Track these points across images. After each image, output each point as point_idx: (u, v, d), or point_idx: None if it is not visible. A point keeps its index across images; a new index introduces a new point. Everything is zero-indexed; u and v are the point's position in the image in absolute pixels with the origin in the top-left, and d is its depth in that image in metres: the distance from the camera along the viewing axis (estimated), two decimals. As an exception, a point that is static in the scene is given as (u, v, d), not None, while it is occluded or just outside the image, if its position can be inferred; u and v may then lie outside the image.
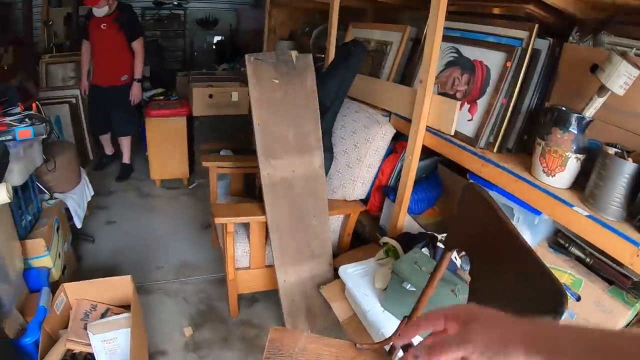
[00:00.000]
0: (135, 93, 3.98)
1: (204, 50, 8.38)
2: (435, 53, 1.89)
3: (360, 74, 2.39)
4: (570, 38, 1.81)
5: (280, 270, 2.11)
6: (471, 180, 1.75)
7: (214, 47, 8.15)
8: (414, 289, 1.62)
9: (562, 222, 1.55)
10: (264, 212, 2.03)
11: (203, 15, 8.73)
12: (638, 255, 1.28)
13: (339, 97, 2.22)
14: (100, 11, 3.66)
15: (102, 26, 3.76)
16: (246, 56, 1.99)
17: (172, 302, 2.54)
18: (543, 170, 1.59)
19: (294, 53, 2.06)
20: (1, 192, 1.70)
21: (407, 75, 2.39)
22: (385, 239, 1.99)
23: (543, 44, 1.82)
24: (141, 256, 3.01)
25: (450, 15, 1.98)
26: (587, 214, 1.43)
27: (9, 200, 1.73)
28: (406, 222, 2.15)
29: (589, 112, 1.52)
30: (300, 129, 2.05)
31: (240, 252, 2.22)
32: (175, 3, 8.65)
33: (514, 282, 1.01)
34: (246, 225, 2.16)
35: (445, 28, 1.91)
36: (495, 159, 1.75)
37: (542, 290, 0.91)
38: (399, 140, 2.26)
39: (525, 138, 1.88)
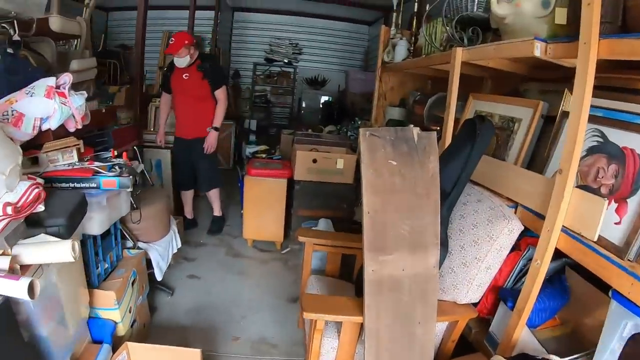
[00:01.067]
0: (211, 141, 3.89)
1: (311, 109, 8.57)
2: (580, 137, 1.56)
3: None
4: None
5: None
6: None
7: (321, 106, 8.18)
8: None
9: None
10: (361, 312, 1.74)
11: (312, 74, 8.89)
12: None
13: (461, 182, 1.93)
14: (182, 61, 3.67)
15: (184, 76, 3.77)
16: (360, 131, 1.77)
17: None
18: None
19: (415, 130, 1.80)
20: (64, 251, 1.54)
21: (536, 159, 2.06)
22: (498, 358, 1.63)
23: None
24: (219, 320, 2.84)
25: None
26: None
27: (74, 260, 1.57)
28: (523, 334, 1.78)
29: None
30: (417, 221, 1.76)
31: (327, 348, 1.93)
32: (286, 61, 8.90)
33: None
34: (338, 319, 1.88)
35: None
36: None
37: None
38: (524, 235, 1.91)
39: None
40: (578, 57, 1.54)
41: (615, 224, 1.54)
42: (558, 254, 1.69)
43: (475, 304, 2.02)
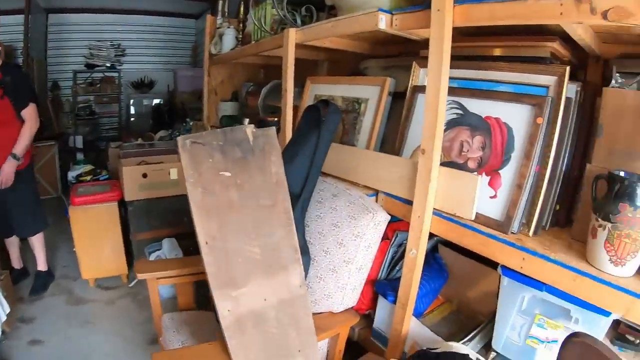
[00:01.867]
0: (5, 174, 3.03)
1: (141, 115, 7.86)
2: (442, 112, 1.43)
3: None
4: (613, 82, 1.41)
5: None
6: (576, 332, 1.30)
7: (151, 111, 7.57)
8: None
9: None
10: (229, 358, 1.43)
11: (138, 77, 8.18)
12: None
13: (311, 178, 1.69)
14: None
15: None
16: (179, 140, 1.43)
17: None
18: (610, 260, 1.18)
19: (249, 128, 1.51)
20: None
21: (388, 140, 1.91)
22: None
23: (570, 91, 1.42)
24: None
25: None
26: None
27: None
28: (415, 326, 1.63)
29: None
30: (268, 239, 1.47)
31: None
32: (109, 65, 8.05)
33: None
34: None
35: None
36: (539, 249, 1.30)
37: None
38: (389, 222, 1.73)
39: (557, 208, 1.46)
40: (431, 26, 1.41)
41: (491, 197, 1.45)
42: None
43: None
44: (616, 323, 1.35)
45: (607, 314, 1.21)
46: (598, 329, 1.24)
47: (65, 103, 7.88)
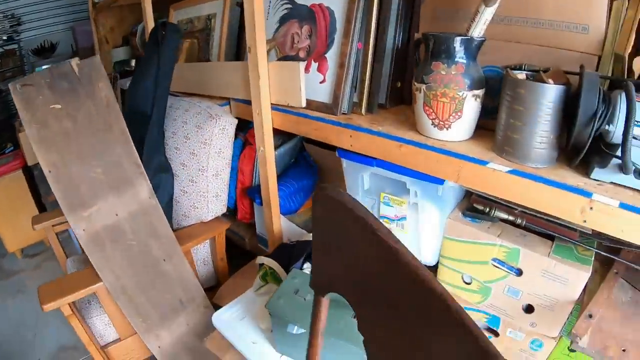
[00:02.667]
0: None
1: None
2: (259, 6, 1.43)
3: (187, 62, 1.92)
4: None
5: (149, 336, 1.60)
6: (322, 185, 1.32)
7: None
8: (303, 330, 1.17)
9: (477, 188, 1.15)
10: (99, 277, 1.50)
11: (38, 43, 7.77)
12: (592, 208, 0.91)
13: (161, 98, 1.71)
14: None
15: None
16: (10, 86, 1.46)
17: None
18: (433, 124, 1.18)
19: (74, 61, 1.53)
20: None
21: (243, 49, 1.91)
22: (261, 259, 1.53)
23: None
24: (14, 352, 2.46)
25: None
26: (508, 169, 1.04)
27: None
28: (284, 225, 1.70)
29: (478, 30, 1.13)
30: (108, 159, 1.52)
31: (101, 325, 1.67)
32: (5, 38, 7.59)
33: (421, 340, 0.61)
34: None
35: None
36: (366, 124, 1.32)
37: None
38: (250, 128, 1.78)
39: (399, 85, 1.48)
40: None
41: (321, 82, 1.48)
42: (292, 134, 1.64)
43: (233, 212, 1.92)
44: (469, 194, 1.35)
45: (439, 181, 1.23)
46: (439, 198, 1.27)
47: (-34, 86, 7.48)
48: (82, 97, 1.50)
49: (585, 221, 0.92)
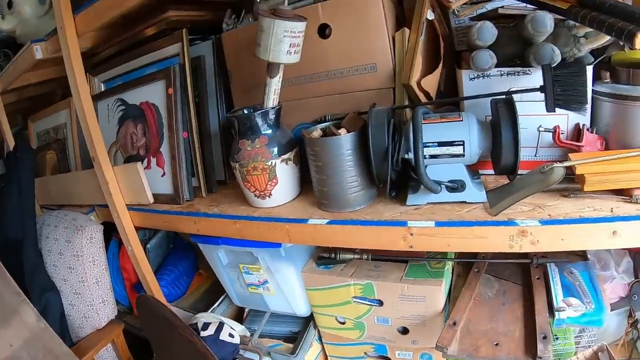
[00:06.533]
0: None
1: None
2: (92, 121, 1.52)
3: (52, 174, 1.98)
4: (224, 25, 1.52)
5: None
6: (141, 295, 1.41)
7: None
8: None
9: (308, 243, 1.27)
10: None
11: None
12: (412, 234, 1.01)
13: (29, 219, 1.75)
14: None
15: None
16: None
17: None
18: (255, 195, 1.29)
19: None
20: None
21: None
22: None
23: (207, 48, 1.56)
24: None
25: (103, 65, 1.77)
26: (326, 220, 1.14)
27: None
28: (174, 310, 1.75)
29: (271, 100, 1.23)
30: None
31: None
32: None
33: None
34: None
35: (105, 82, 1.76)
36: (205, 208, 1.44)
37: None
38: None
39: None
40: (61, 43, 1.46)
41: (162, 176, 1.56)
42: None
43: (130, 311, 1.96)
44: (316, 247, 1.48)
45: (277, 245, 1.31)
46: (285, 258, 1.37)
47: None
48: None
49: (411, 246, 1.01)
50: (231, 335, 1.46)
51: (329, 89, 1.31)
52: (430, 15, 1.18)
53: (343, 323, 1.44)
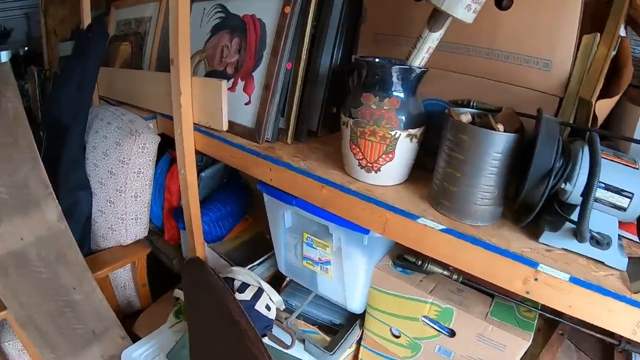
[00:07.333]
0: None
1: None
2: (184, 14, 1.28)
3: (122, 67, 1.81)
4: None
5: (60, 369, 1.46)
6: (190, 257, 1.19)
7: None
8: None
9: (405, 243, 0.97)
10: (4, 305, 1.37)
11: (-5, 28, 7.47)
12: (536, 279, 0.78)
13: (83, 106, 1.57)
14: None
15: None
16: None
17: None
18: (360, 165, 1.03)
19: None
20: None
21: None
22: (177, 293, 1.40)
23: None
24: None
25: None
26: (442, 227, 0.89)
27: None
28: (208, 254, 1.59)
29: (419, 59, 0.97)
30: (13, 177, 1.37)
31: (14, 352, 1.56)
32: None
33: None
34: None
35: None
36: (288, 158, 1.19)
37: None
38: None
39: (334, 111, 1.33)
40: None
41: (246, 104, 1.34)
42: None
43: (160, 233, 1.80)
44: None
45: (365, 231, 1.09)
46: (365, 247, 1.14)
47: None
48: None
49: (528, 292, 0.80)
50: (268, 308, 1.26)
51: (484, 70, 1.05)
52: (622, 31, 0.91)
53: (397, 337, 1.22)
